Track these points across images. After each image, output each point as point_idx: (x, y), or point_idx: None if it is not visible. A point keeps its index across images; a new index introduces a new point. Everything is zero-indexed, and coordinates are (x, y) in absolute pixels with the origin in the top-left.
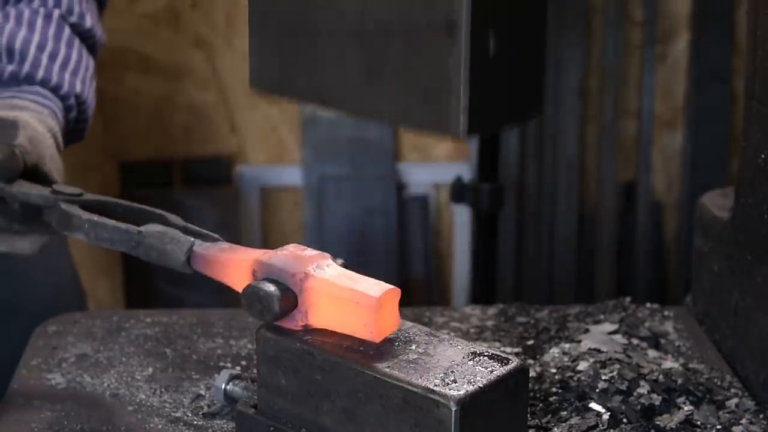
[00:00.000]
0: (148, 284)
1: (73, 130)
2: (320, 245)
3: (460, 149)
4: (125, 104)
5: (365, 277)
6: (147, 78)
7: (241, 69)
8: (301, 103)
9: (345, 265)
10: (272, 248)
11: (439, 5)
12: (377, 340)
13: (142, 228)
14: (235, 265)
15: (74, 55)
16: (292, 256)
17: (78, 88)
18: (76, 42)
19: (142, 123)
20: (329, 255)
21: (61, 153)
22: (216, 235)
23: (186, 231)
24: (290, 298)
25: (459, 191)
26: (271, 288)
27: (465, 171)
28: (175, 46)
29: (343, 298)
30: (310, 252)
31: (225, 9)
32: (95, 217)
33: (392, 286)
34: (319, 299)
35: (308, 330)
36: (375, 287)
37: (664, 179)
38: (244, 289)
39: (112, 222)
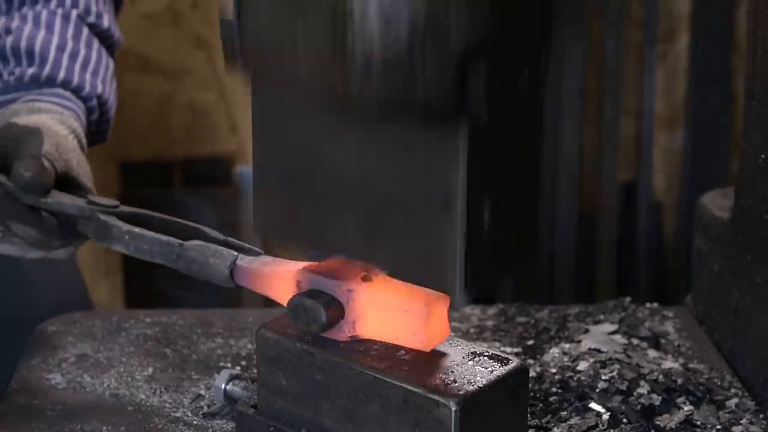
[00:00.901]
0: (148, 285)
1: (95, 132)
2: None
3: None
4: (125, 104)
5: (413, 286)
6: (147, 78)
7: None
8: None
9: (391, 276)
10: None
11: (437, 183)
12: (427, 348)
13: (181, 241)
14: (280, 277)
15: (94, 56)
16: (338, 266)
17: (99, 88)
18: (95, 42)
19: (142, 123)
20: (374, 265)
21: (85, 154)
22: (258, 249)
23: (227, 245)
24: (337, 309)
25: None
26: (317, 299)
27: None
28: (175, 46)
29: (392, 306)
30: (356, 263)
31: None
32: (136, 229)
33: (442, 294)
34: (367, 309)
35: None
36: (425, 294)
37: (664, 179)
38: (289, 301)
39: (152, 234)
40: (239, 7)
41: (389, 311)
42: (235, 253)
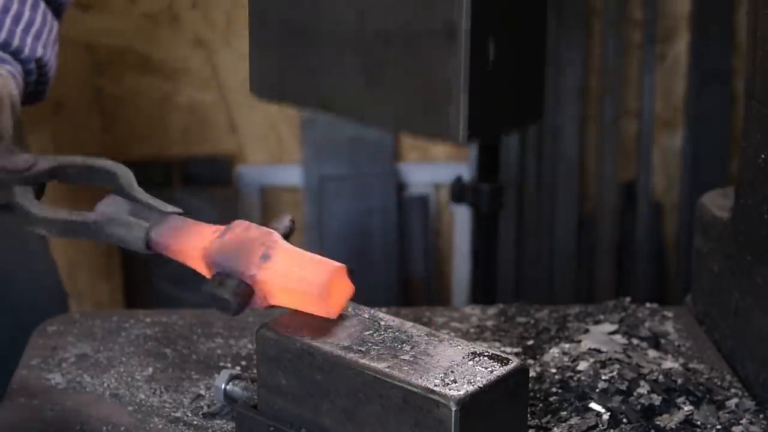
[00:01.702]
0: (148, 285)
1: (33, 92)
2: (320, 245)
3: (460, 149)
4: (125, 104)
5: (310, 256)
6: (147, 78)
7: (241, 69)
8: (302, 108)
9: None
10: None
11: (439, 12)
12: (333, 315)
13: (95, 216)
14: (190, 255)
15: (38, 18)
16: (239, 245)
17: (39, 51)
18: (41, 5)
19: (142, 123)
20: (274, 231)
21: (17, 114)
22: (164, 206)
23: (134, 200)
24: (246, 290)
25: (459, 191)
26: (225, 286)
27: (465, 171)
28: (175, 46)
29: (293, 279)
30: (254, 232)
31: (225, 9)
32: (50, 214)
33: (337, 265)
34: (273, 286)
35: (309, 330)
36: (320, 273)
37: (664, 179)
38: (202, 289)
39: (64, 215)
40: None
41: (292, 284)
42: (146, 225)
